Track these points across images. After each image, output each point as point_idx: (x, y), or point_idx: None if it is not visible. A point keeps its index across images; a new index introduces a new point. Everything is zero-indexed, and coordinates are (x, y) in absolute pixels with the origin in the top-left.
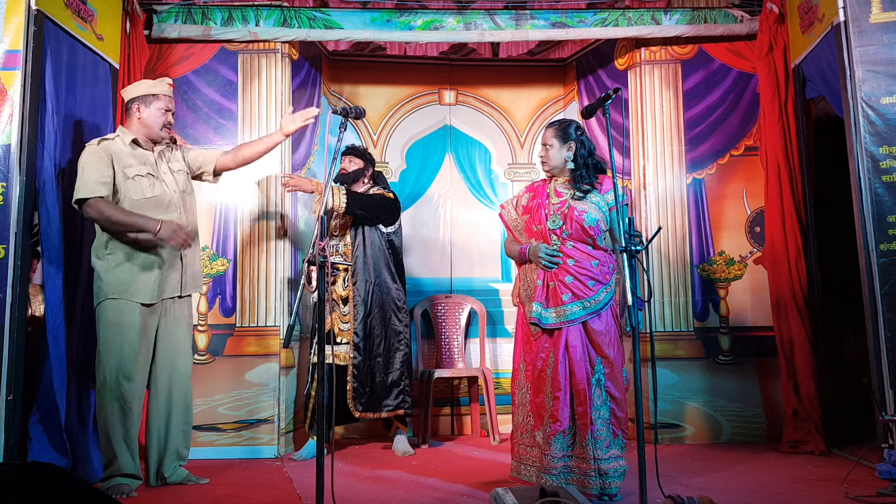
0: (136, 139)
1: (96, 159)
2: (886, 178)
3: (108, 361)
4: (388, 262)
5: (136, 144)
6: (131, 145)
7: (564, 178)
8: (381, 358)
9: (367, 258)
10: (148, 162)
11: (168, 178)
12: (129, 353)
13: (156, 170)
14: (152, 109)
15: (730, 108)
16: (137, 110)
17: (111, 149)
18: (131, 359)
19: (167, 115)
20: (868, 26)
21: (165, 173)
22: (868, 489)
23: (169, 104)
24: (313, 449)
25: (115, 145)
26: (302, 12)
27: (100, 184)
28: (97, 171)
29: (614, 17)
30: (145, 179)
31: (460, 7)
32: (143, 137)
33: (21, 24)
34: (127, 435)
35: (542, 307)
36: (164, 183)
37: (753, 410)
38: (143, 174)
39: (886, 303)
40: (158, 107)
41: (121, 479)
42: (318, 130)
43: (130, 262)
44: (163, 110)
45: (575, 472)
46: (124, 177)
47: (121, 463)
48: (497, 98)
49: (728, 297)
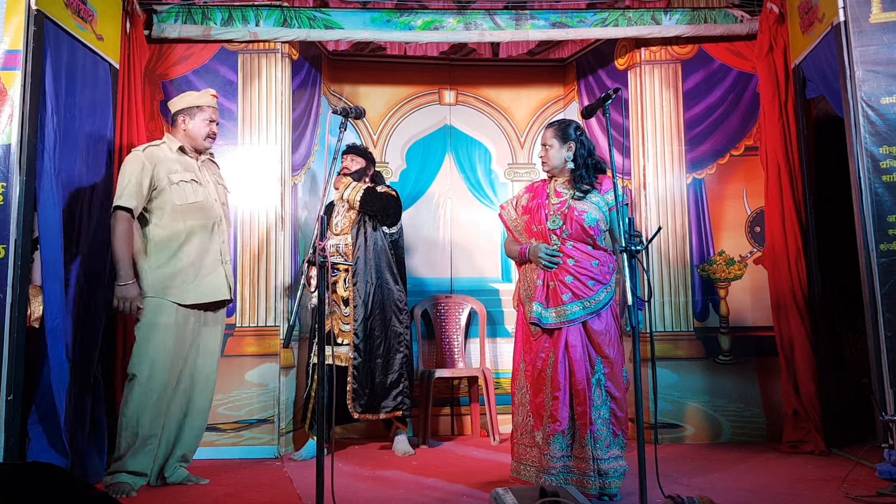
0: (182, 146)
1: (138, 168)
2: (886, 178)
3: (141, 358)
4: (389, 262)
5: (182, 152)
6: (178, 152)
7: (564, 178)
8: (381, 359)
9: (368, 259)
10: (192, 169)
11: (210, 187)
12: (163, 352)
13: (200, 177)
14: (197, 121)
15: (730, 108)
16: (183, 122)
17: (156, 155)
18: (164, 357)
19: (211, 125)
20: (868, 26)
21: (208, 182)
22: (868, 489)
23: (213, 115)
24: (313, 449)
25: (160, 151)
26: (302, 12)
27: (133, 195)
28: (135, 180)
29: (614, 17)
30: (189, 185)
31: (460, 7)
32: (189, 146)
33: (21, 24)
34: (146, 432)
35: (542, 307)
36: (208, 191)
37: (753, 410)
38: (188, 180)
39: (886, 303)
40: (203, 118)
41: (125, 476)
42: (318, 130)
43: (172, 264)
44: (207, 121)
45: (574, 472)
46: (169, 182)
47: (130, 459)
48: (497, 98)
49: (728, 297)
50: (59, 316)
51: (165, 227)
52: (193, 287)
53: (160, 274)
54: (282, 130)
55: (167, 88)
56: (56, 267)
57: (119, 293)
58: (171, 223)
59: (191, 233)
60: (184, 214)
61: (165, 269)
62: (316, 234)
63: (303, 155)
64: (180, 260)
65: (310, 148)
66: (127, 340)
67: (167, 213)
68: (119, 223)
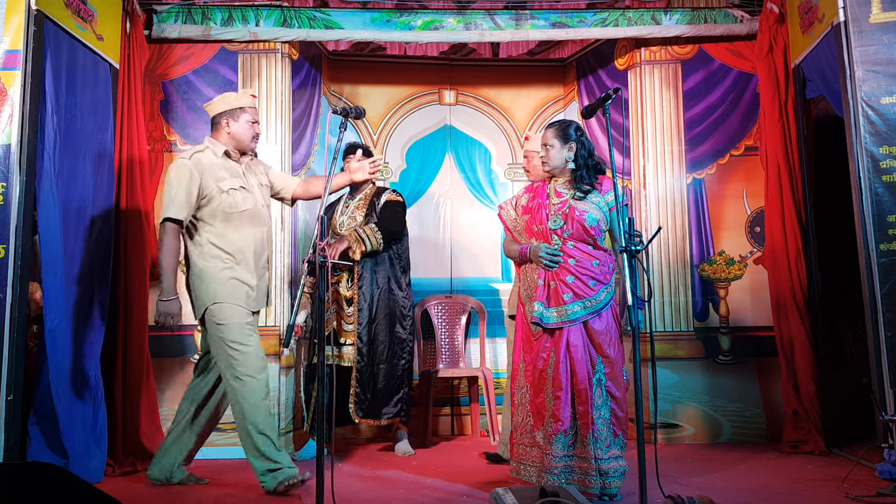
0: (227, 151)
1: (186, 177)
2: (886, 178)
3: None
4: (394, 267)
5: (227, 156)
6: (223, 157)
7: (564, 179)
8: (385, 365)
9: (375, 263)
10: (238, 174)
11: (256, 191)
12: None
13: (246, 182)
14: (241, 122)
15: (730, 108)
16: (227, 124)
17: (202, 162)
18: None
19: (255, 126)
20: (868, 26)
21: (254, 187)
22: (868, 489)
23: (255, 115)
24: (313, 449)
25: (205, 157)
26: (302, 12)
27: (182, 206)
28: (184, 190)
29: (614, 17)
30: (238, 193)
31: (460, 7)
32: (233, 149)
33: (21, 24)
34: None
35: (543, 307)
36: (255, 197)
37: (753, 410)
38: (237, 187)
39: (886, 303)
40: (246, 119)
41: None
42: (319, 130)
43: (233, 269)
44: (251, 122)
45: (576, 471)
46: (219, 190)
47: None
48: (497, 98)
49: (728, 297)
50: (59, 316)
51: (219, 235)
52: (252, 293)
53: (224, 278)
54: (282, 130)
55: (167, 88)
56: (56, 267)
57: (162, 308)
58: (224, 231)
59: (244, 241)
60: (235, 222)
61: (228, 273)
62: (316, 234)
63: (303, 155)
64: (241, 265)
65: (310, 148)
66: (127, 340)
67: (219, 222)
68: (167, 236)
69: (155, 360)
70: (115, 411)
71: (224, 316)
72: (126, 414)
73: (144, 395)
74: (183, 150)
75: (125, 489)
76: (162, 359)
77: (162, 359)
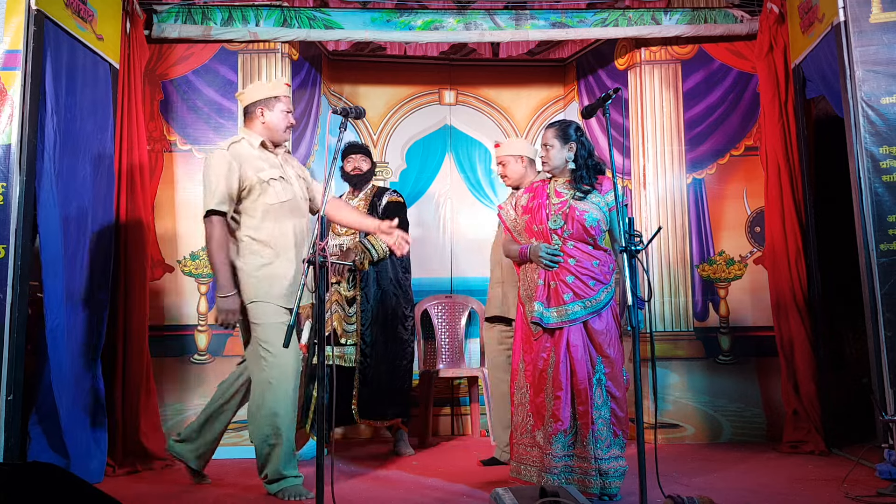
0: (263, 141)
1: (226, 169)
2: (886, 178)
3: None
4: (396, 267)
5: (263, 147)
6: (259, 148)
7: (565, 179)
8: (386, 365)
9: (378, 264)
10: (276, 165)
11: (295, 183)
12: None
13: (285, 173)
14: (276, 112)
15: (730, 108)
16: (261, 114)
17: (240, 153)
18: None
19: (288, 116)
20: (868, 26)
21: (292, 178)
22: (868, 489)
23: (289, 105)
24: (313, 449)
25: (243, 148)
26: (302, 12)
27: (225, 198)
28: (224, 182)
29: (614, 17)
30: (278, 183)
31: (460, 7)
32: (268, 140)
33: (21, 24)
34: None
35: (543, 306)
36: (294, 188)
37: (753, 410)
38: (276, 177)
39: (886, 303)
40: (281, 108)
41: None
42: (318, 130)
43: (272, 265)
44: (285, 112)
45: (576, 471)
46: (258, 180)
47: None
48: (497, 98)
49: (728, 297)
50: (59, 316)
51: (259, 228)
52: (292, 289)
53: (262, 275)
54: None
55: (167, 88)
56: (56, 267)
57: (220, 305)
58: (263, 224)
59: (284, 232)
60: (276, 214)
61: (267, 270)
62: (316, 234)
63: (303, 155)
64: (280, 260)
65: (310, 148)
66: (127, 341)
67: (259, 214)
68: (215, 229)
69: (155, 360)
70: (115, 411)
71: (258, 315)
72: (126, 414)
73: (144, 394)
74: (183, 150)
75: (125, 489)
76: (162, 359)
77: (162, 359)
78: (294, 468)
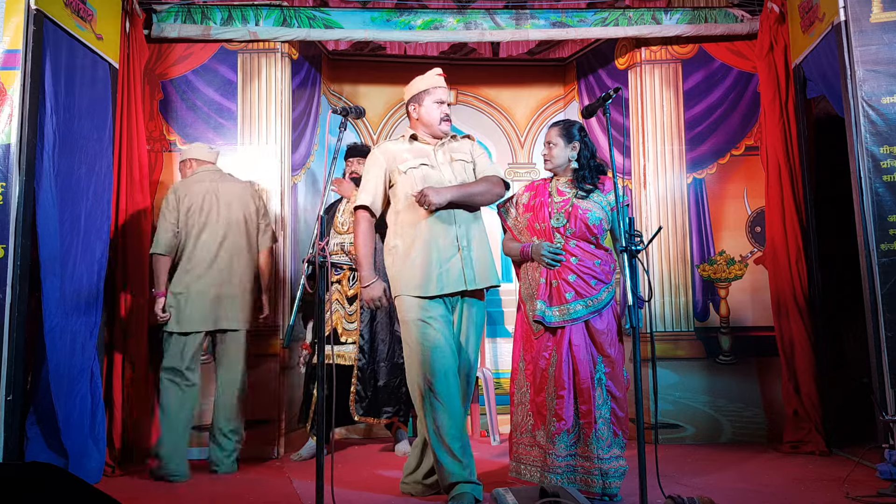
0: (414, 135)
1: (373, 165)
2: (887, 177)
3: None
4: None
5: (414, 139)
6: (409, 141)
7: (566, 178)
8: (385, 363)
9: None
10: (424, 154)
11: (446, 168)
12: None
13: (433, 160)
14: (426, 105)
15: (730, 108)
16: (414, 110)
17: (389, 150)
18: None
19: (442, 107)
20: (868, 26)
21: (443, 164)
22: (868, 489)
23: (443, 95)
24: (313, 449)
25: (394, 145)
26: (302, 12)
27: (370, 193)
28: (373, 179)
29: (614, 16)
30: (418, 171)
31: (460, 7)
32: (423, 134)
33: (21, 24)
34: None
35: (545, 305)
36: (441, 173)
37: (754, 410)
38: (416, 165)
39: (886, 303)
40: (431, 100)
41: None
42: (318, 130)
43: (408, 256)
44: (437, 103)
45: (578, 471)
46: (398, 172)
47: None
48: (497, 98)
49: (728, 296)
50: (58, 316)
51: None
52: (433, 277)
53: (400, 267)
54: (281, 130)
55: (167, 88)
56: (54, 266)
57: (366, 295)
58: (404, 214)
59: (421, 220)
60: (414, 203)
61: (403, 262)
62: (316, 233)
63: (303, 155)
64: (416, 248)
65: (310, 148)
66: (127, 341)
67: (401, 204)
68: (359, 223)
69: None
70: (114, 411)
71: (402, 309)
72: (126, 414)
73: (144, 395)
74: (182, 150)
75: (124, 489)
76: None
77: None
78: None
